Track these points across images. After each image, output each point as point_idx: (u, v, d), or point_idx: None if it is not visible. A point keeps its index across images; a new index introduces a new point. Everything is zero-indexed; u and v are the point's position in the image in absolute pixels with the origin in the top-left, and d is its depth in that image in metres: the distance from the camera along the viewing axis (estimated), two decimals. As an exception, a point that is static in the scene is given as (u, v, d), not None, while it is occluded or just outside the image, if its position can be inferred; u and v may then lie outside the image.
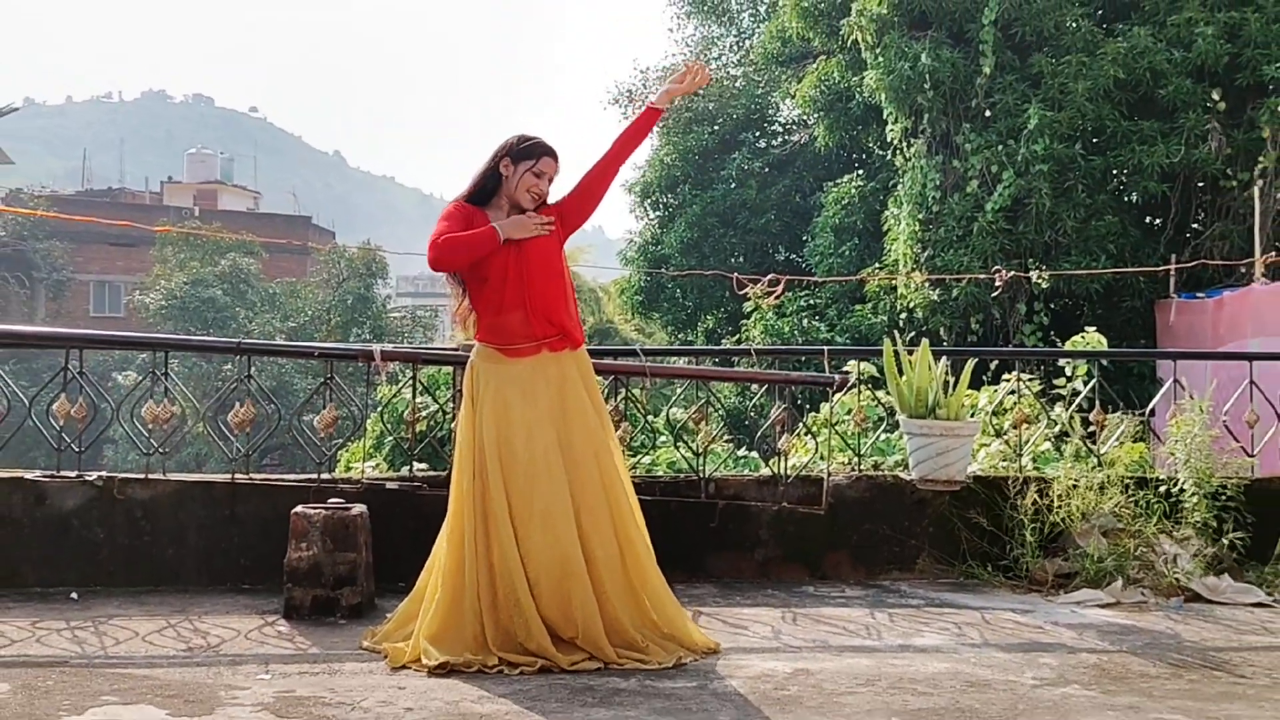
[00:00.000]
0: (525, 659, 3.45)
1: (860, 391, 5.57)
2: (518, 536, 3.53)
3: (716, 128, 18.67)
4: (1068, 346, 7.21)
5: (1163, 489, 4.97)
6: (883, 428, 5.71)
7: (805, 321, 13.57)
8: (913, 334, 11.29)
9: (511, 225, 3.63)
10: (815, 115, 16.13)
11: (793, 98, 17.19)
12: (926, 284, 12.04)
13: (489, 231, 3.60)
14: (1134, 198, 11.63)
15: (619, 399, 5.04)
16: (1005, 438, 5.52)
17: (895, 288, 12.82)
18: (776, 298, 12.94)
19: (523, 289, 3.64)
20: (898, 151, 13.05)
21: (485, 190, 3.74)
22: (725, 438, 6.49)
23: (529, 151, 3.71)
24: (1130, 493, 4.91)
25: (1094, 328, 7.13)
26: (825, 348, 5.57)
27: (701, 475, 5.01)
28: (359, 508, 4.22)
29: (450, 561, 3.61)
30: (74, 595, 4.31)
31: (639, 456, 6.13)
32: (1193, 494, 4.86)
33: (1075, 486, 4.86)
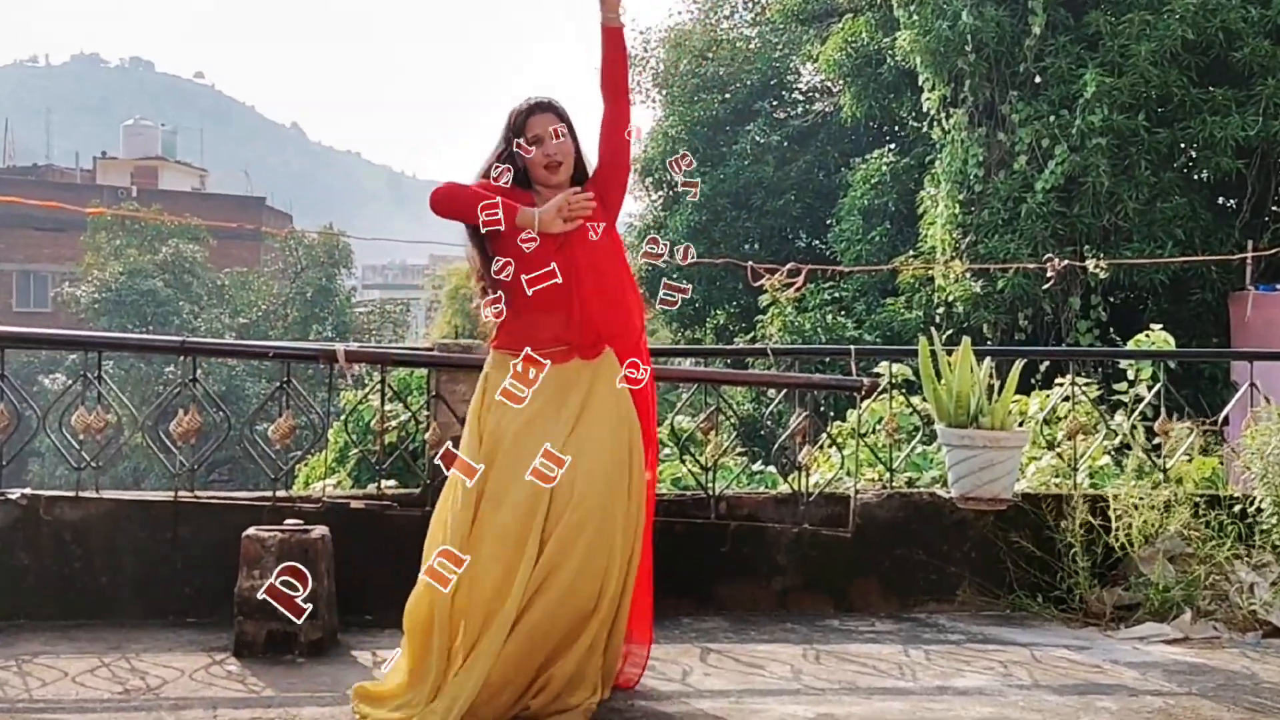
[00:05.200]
0: None
1: (892, 397, 5.57)
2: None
3: (728, 96, 18.69)
4: (1129, 346, 7.21)
5: (1238, 508, 4.97)
6: (918, 438, 5.71)
7: (829, 317, 13.58)
8: (952, 331, 11.28)
9: (548, 214, 3.42)
10: (841, 81, 16.15)
11: (815, 61, 17.20)
12: (968, 274, 12.05)
13: (510, 208, 3.42)
14: (1205, 176, 11.65)
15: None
16: (1058, 450, 5.53)
17: (932, 278, 12.83)
18: (797, 290, 12.94)
19: (569, 289, 3.49)
20: (935, 123, 13.06)
21: (517, 171, 3.59)
22: (738, 450, 6.49)
23: (516, 126, 3.59)
24: (1200, 513, 4.90)
25: (1159, 325, 7.13)
26: (852, 347, 5.57)
27: (711, 493, 5.01)
28: (320, 530, 4.23)
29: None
30: (-6, 630, 4.31)
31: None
32: (1272, 514, 4.85)
33: (1137, 506, 4.86)
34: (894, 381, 5.65)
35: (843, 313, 13.93)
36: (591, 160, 3.69)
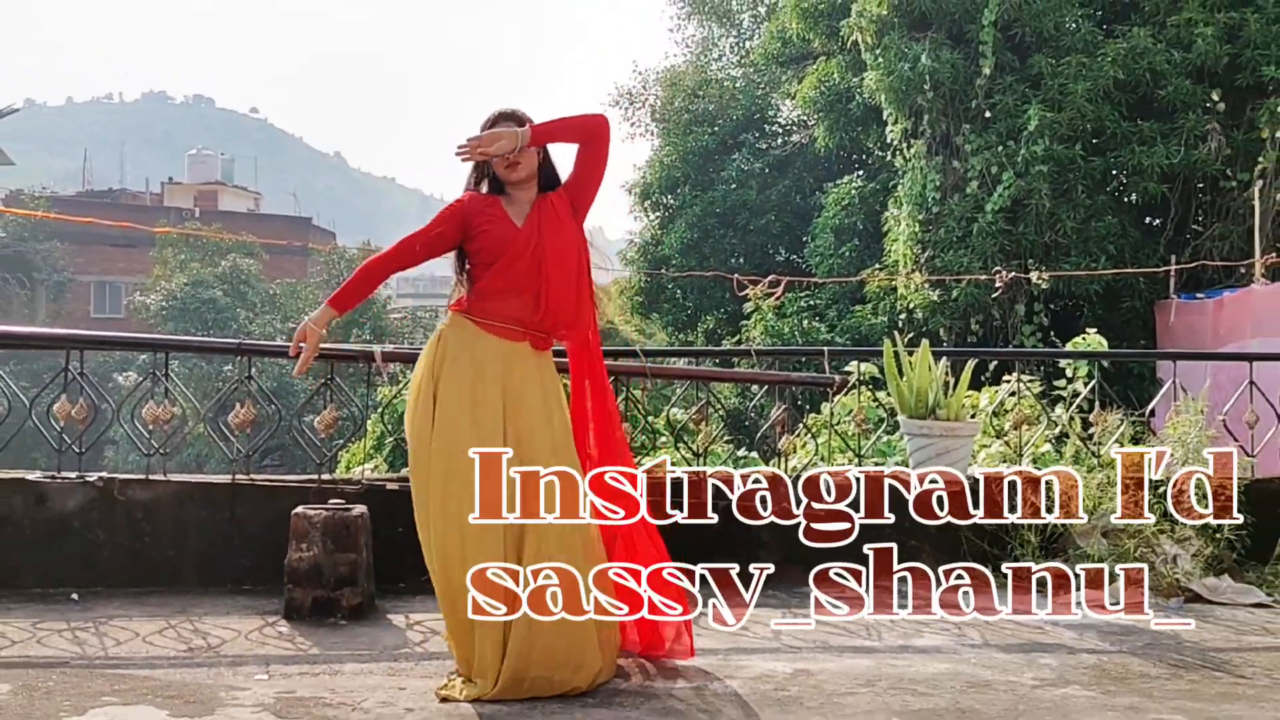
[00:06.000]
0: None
1: (860, 392, 5.57)
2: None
3: (716, 129, 18.68)
4: (1068, 347, 7.21)
5: (1162, 490, 4.97)
6: (883, 428, 5.71)
7: (805, 322, 13.56)
8: (913, 335, 11.24)
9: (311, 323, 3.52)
10: (815, 116, 16.14)
11: (793, 98, 17.21)
12: (926, 285, 12.05)
13: (324, 313, 3.54)
14: (1134, 198, 11.64)
15: (619, 400, 5.04)
16: (1006, 439, 5.52)
17: (895, 288, 12.82)
18: (777, 298, 12.96)
19: (537, 276, 3.42)
20: (898, 152, 13.05)
21: (492, 179, 3.56)
22: (725, 439, 6.50)
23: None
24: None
25: (1094, 329, 7.13)
26: (825, 348, 5.57)
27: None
28: (359, 508, 4.23)
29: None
30: (74, 596, 4.32)
31: (639, 458, 6.12)
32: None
33: (1075, 487, 4.85)
34: (862, 379, 5.66)
35: (817, 318, 13.90)
36: (564, 171, 3.60)
